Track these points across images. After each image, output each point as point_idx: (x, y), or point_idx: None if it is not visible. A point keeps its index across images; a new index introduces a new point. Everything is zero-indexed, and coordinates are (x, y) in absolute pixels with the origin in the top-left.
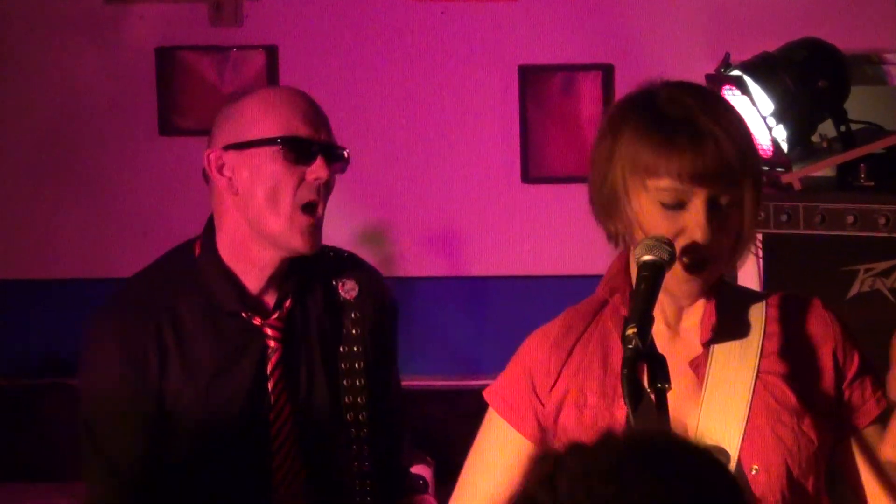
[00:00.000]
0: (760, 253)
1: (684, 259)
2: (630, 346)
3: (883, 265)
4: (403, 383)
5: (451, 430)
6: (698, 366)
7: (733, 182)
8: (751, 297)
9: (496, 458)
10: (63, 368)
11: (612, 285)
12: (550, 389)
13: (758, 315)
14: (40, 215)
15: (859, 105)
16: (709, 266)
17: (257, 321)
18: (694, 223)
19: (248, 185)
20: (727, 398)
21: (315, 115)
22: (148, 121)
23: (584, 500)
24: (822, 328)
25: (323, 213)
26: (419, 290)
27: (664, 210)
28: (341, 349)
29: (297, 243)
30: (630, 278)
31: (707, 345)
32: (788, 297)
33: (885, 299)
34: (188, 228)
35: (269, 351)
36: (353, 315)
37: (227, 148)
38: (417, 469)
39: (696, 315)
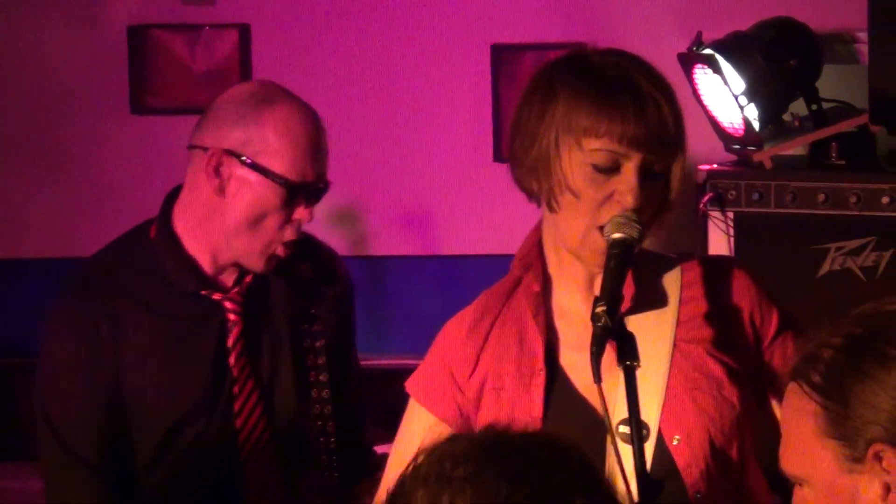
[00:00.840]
0: (731, 232)
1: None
2: (599, 324)
3: (854, 244)
4: (376, 362)
5: None
6: (613, 342)
7: (668, 150)
8: (665, 263)
9: (417, 445)
10: (33, 348)
11: (526, 262)
12: (469, 376)
13: (673, 282)
14: (10, 194)
15: (831, 84)
16: None
17: (217, 296)
18: (625, 187)
19: (238, 200)
20: (644, 369)
21: (322, 152)
22: (119, 99)
23: (434, 480)
24: (737, 291)
25: None
26: (391, 268)
27: (595, 172)
28: (303, 327)
29: (256, 266)
30: (543, 254)
31: (623, 315)
32: (704, 261)
33: (855, 278)
34: (159, 207)
35: (230, 324)
36: (312, 296)
37: (232, 154)
38: (385, 448)
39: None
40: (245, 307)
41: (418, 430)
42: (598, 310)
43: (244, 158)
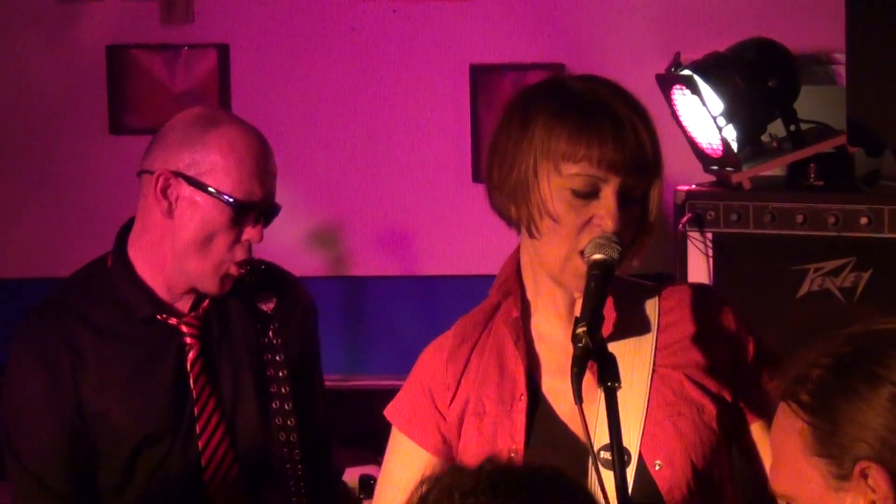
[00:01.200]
0: (710, 252)
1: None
2: (580, 345)
3: (832, 264)
4: (355, 382)
5: None
6: (594, 366)
7: (646, 174)
8: (644, 290)
9: (403, 475)
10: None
11: (505, 288)
12: (450, 403)
13: (651, 308)
14: None
15: (809, 105)
16: None
17: (173, 321)
18: (605, 211)
19: (186, 221)
20: (624, 395)
21: (271, 175)
22: (99, 119)
23: None
24: (715, 318)
25: None
26: (370, 289)
27: (574, 197)
28: (266, 356)
29: (210, 288)
30: (521, 280)
31: (605, 339)
32: (682, 288)
33: (834, 298)
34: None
35: (187, 347)
36: (273, 325)
37: (179, 176)
38: (368, 469)
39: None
40: (202, 331)
41: (404, 460)
42: (579, 330)
43: (191, 178)
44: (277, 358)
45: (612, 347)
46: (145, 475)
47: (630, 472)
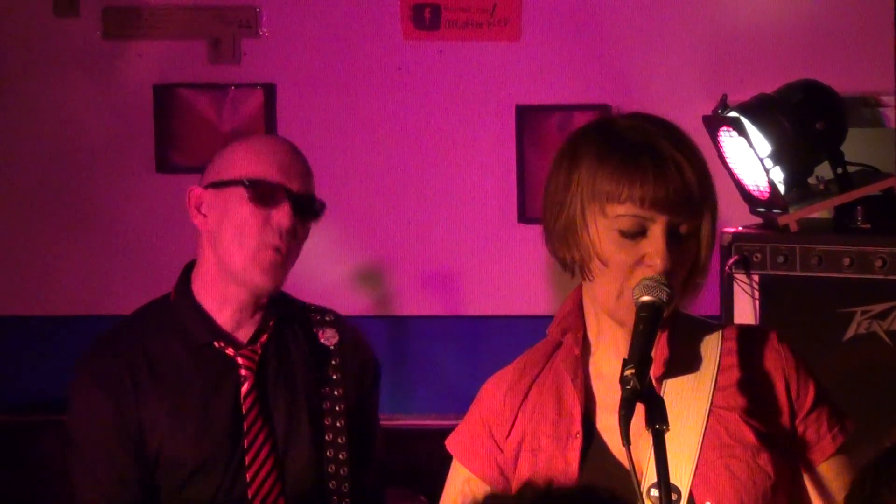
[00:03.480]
0: (757, 294)
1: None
2: (628, 388)
3: (879, 307)
4: (399, 422)
5: (446, 470)
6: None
7: (694, 211)
8: (706, 328)
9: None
10: (59, 405)
11: (565, 325)
12: (507, 436)
13: (713, 348)
14: (37, 252)
15: (856, 147)
16: None
17: (230, 351)
18: (654, 250)
19: (218, 224)
20: (679, 433)
21: (292, 164)
22: (145, 157)
23: None
24: (776, 361)
25: (290, 256)
26: (415, 329)
27: (622, 238)
28: (324, 390)
29: (258, 279)
30: (583, 317)
31: (660, 379)
32: (744, 330)
33: (881, 342)
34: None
35: (242, 378)
36: (333, 362)
37: (207, 187)
38: None
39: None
40: (259, 364)
41: (462, 490)
42: (627, 373)
43: (213, 182)
44: (336, 392)
45: (670, 384)
46: (196, 496)
47: None
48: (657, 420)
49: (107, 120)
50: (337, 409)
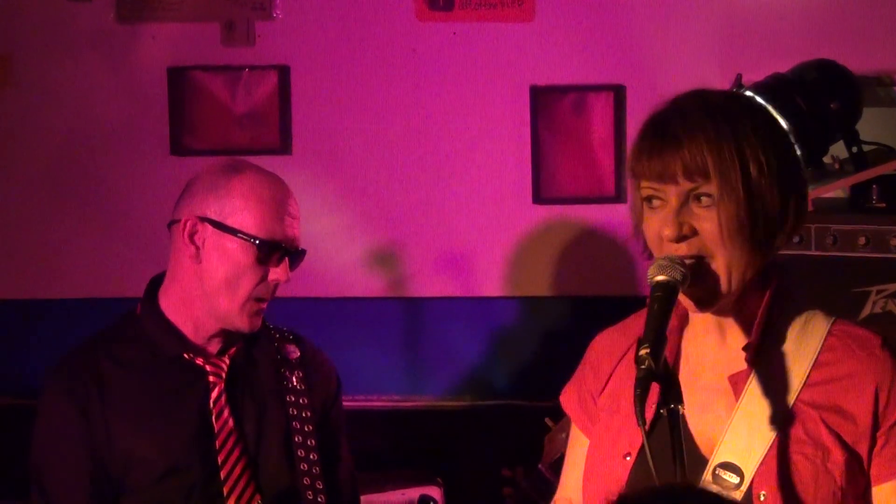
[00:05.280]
0: None
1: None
2: (643, 367)
3: (895, 286)
4: (413, 403)
5: (460, 451)
6: (737, 382)
7: (701, 179)
8: (817, 319)
9: (571, 455)
10: None
11: None
12: (601, 392)
13: (815, 342)
14: (51, 235)
15: (871, 126)
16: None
17: (199, 361)
18: (663, 220)
19: (214, 264)
20: (757, 420)
21: (292, 217)
22: (160, 141)
23: None
24: (871, 367)
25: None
26: (430, 310)
27: (649, 210)
28: (288, 398)
29: (241, 324)
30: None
31: (751, 363)
32: (850, 329)
33: None
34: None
35: (211, 385)
36: (297, 373)
37: (205, 221)
38: (428, 490)
39: (747, 327)
40: (228, 374)
41: (571, 440)
42: (642, 352)
43: (216, 221)
44: (301, 401)
45: (762, 370)
46: (172, 501)
47: (737, 496)
48: (672, 400)
49: (121, 103)
50: (304, 414)
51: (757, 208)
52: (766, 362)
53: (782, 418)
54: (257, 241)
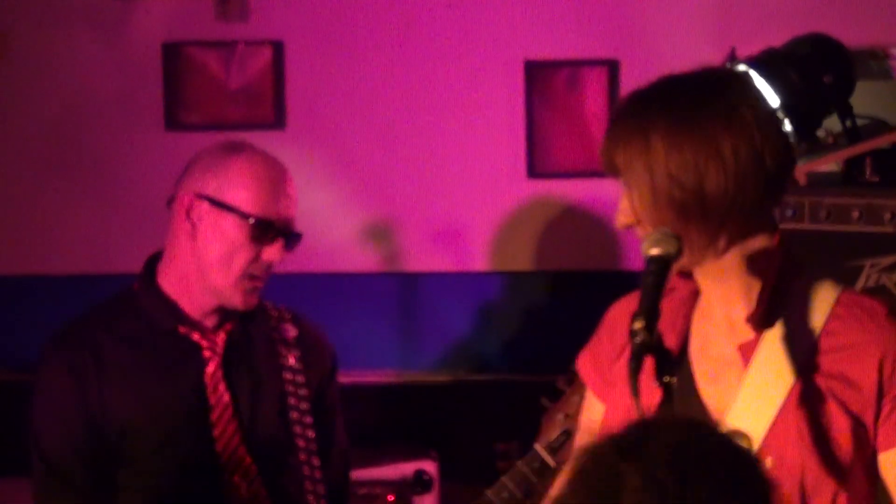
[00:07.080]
0: None
1: None
2: (637, 340)
3: (888, 260)
4: (408, 378)
5: (455, 425)
6: (746, 351)
7: (617, 170)
8: (825, 290)
9: (586, 420)
10: None
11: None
12: (616, 359)
13: (823, 311)
14: (45, 210)
15: (864, 100)
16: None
17: (196, 336)
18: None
19: (209, 240)
20: (766, 387)
21: (289, 198)
22: (154, 116)
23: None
24: (878, 335)
25: (267, 279)
26: (424, 285)
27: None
28: (285, 376)
29: (236, 301)
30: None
31: (758, 331)
32: (858, 298)
33: (890, 294)
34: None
35: (206, 359)
36: (294, 352)
37: (201, 198)
38: (422, 464)
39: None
40: (224, 350)
41: (586, 404)
42: (636, 326)
43: (212, 198)
44: (297, 378)
45: (769, 339)
46: (167, 472)
47: None
48: (666, 372)
49: (115, 78)
50: (300, 392)
51: (674, 195)
52: (774, 331)
53: (789, 386)
54: (252, 219)
